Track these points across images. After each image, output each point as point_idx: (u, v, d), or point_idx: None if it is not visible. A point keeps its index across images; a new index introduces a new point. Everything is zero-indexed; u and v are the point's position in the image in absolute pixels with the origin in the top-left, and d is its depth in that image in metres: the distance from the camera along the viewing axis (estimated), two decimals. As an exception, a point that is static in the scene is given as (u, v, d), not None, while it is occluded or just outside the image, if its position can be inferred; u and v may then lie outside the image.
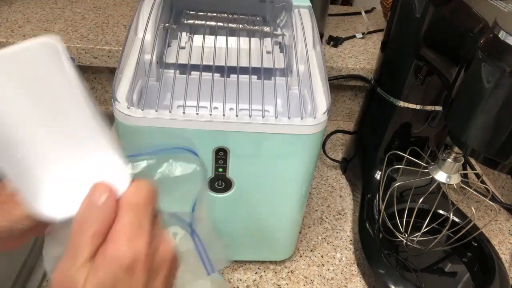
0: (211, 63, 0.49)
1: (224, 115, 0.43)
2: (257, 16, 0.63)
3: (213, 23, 0.58)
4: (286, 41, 0.57)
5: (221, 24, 0.58)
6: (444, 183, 0.54)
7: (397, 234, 0.63)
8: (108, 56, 0.81)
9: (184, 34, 0.55)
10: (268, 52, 0.54)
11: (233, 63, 0.50)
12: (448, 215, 0.61)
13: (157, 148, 0.32)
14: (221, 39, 0.53)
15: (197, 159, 0.33)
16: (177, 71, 0.49)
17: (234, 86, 0.46)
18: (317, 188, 0.77)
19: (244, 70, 0.49)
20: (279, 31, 0.59)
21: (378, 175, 0.70)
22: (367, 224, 0.65)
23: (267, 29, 0.58)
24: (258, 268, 0.62)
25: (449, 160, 0.52)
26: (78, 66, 0.83)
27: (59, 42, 0.24)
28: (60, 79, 0.25)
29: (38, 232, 0.33)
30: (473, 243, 0.65)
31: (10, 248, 0.32)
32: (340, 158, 0.84)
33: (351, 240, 0.68)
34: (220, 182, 0.49)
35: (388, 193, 0.62)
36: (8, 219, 0.28)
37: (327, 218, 0.72)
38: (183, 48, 0.53)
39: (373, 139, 0.71)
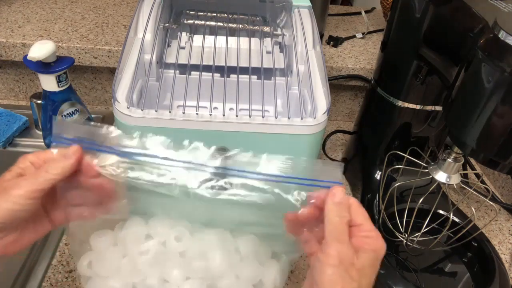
0: (211, 63, 0.49)
1: (224, 115, 0.43)
2: (257, 16, 0.63)
3: (213, 23, 0.58)
4: (286, 41, 0.57)
5: (221, 24, 0.58)
6: (444, 183, 0.54)
7: (397, 234, 0.63)
8: (108, 56, 0.81)
9: (184, 34, 0.55)
10: (268, 52, 0.54)
11: (233, 63, 0.50)
12: (448, 215, 0.61)
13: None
14: (221, 39, 0.53)
15: None
16: (177, 71, 0.49)
17: (234, 86, 0.46)
18: (317, 188, 0.77)
19: (244, 70, 0.49)
20: (279, 31, 0.59)
21: (378, 175, 0.70)
22: (367, 224, 0.65)
23: (267, 29, 0.58)
24: (258, 268, 0.62)
25: (449, 160, 0.52)
26: (78, 66, 0.83)
27: None
28: None
29: (37, 231, 0.34)
30: (473, 243, 0.65)
31: (11, 250, 0.33)
32: (340, 158, 0.84)
33: (351, 240, 0.68)
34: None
35: (388, 193, 0.62)
36: (7, 199, 0.32)
37: (327, 218, 0.72)
38: (183, 48, 0.53)
39: (373, 139, 0.71)
